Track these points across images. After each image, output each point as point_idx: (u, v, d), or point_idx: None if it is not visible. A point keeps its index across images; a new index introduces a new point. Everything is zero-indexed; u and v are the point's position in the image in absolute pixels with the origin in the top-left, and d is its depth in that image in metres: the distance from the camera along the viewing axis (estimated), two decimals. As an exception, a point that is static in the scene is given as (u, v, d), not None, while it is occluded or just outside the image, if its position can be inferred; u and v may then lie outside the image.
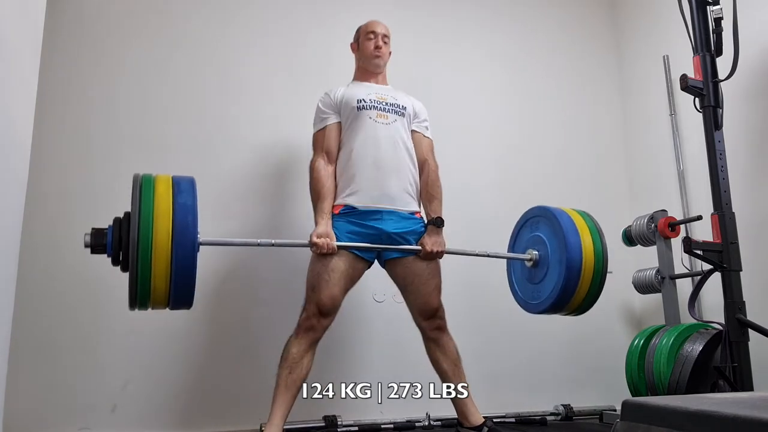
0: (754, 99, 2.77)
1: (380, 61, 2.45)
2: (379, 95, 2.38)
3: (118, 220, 1.80)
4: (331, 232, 2.17)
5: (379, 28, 2.47)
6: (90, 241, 1.77)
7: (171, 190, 1.80)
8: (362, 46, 2.48)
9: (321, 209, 2.22)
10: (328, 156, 2.31)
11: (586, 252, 2.19)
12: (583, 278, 2.18)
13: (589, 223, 2.30)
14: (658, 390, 2.47)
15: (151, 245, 1.69)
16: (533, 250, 2.33)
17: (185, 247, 1.72)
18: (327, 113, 2.36)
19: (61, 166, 2.56)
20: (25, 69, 1.83)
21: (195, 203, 1.81)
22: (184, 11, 2.88)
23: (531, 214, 2.42)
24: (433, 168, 2.40)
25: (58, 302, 2.45)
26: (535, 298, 2.31)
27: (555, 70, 3.51)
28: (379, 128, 2.31)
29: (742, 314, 2.21)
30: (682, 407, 1.06)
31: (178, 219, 1.74)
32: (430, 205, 2.34)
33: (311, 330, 2.17)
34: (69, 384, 2.42)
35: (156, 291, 1.72)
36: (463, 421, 2.33)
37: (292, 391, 2.15)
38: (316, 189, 2.26)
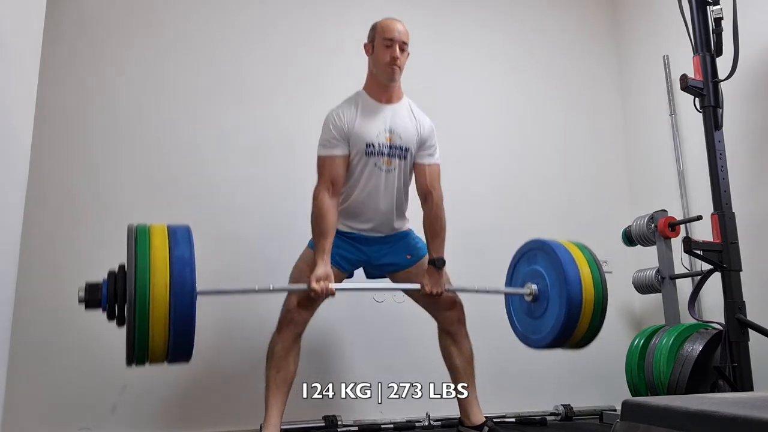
0: (754, 99, 2.77)
1: (396, 75, 2.24)
2: (389, 134, 2.24)
3: (112, 274, 1.73)
4: (330, 274, 2.11)
5: (397, 34, 2.23)
6: (84, 296, 1.71)
7: (167, 242, 1.75)
8: (377, 52, 2.25)
9: (321, 248, 2.14)
10: (334, 187, 2.20)
11: (586, 285, 2.16)
12: (584, 312, 2.15)
13: (587, 255, 2.26)
14: (658, 390, 2.47)
15: (149, 301, 1.63)
16: (532, 284, 2.29)
17: (183, 301, 1.67)
18: (336, 142, 2.21)
19: (61, 166, 2.56)
20: (25, 69, 1.83)
21: (192, 255, 1.75)
22: (184, 11, 2.88)
23: (527, 247, 2.38)
24: (438, 200, 2.29)
25: (58, 302, 2.45)
26: (536, 333, 2.28)
27: (555, 70, 3.51)
28: (382, 176, 2.26)
29: (742, 314, 2.21)
30: (682, 407, 1.06)
31: (175, 273, 1.68)
32: (432, 242, 2.26)
33: (292, 323, 2.16)
34: (69, 384, 2.42)
35: (154, 346, 1.68)
36: (465, 420, 2.33)
37: (283, 390, 2.15)
38: (318, 224, 2.18)
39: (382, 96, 2.28)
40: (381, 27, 2.27)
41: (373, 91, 2.29)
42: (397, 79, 2.27)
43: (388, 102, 2.29)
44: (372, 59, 2.29)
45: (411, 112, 2.32)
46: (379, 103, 2.28)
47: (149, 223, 1.83)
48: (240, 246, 2.74)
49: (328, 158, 2.21)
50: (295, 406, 2.23)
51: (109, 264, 2.50)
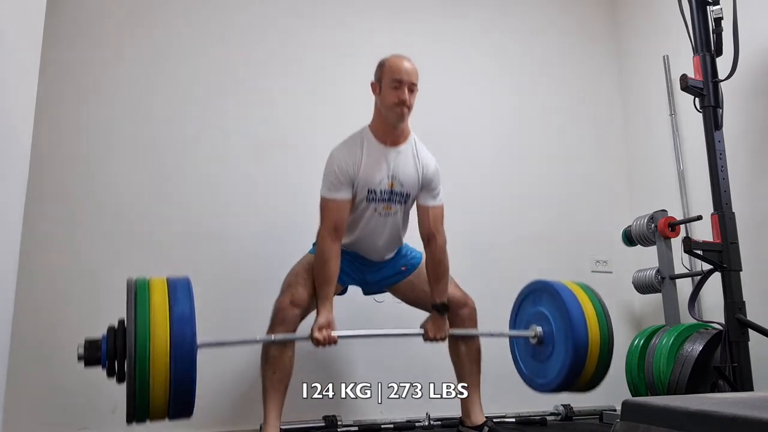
0: (754, 99, 2.77)
1: (404, 116, 2.18)
2: (391, 180, 2.21)
3: (112, 330, 1.73)
4: (332, 322, 2.12)
5: (406, 75, 2.16)
6: (83, 354, 1.71)
7: (167, 298, 1.74)
8: (384, 93, 2.18)
9: (324, 296, 2.14)
10: (337, 232, 2.17)
11: (592, 329, 2.16)
12: (590, 357, 2.15)
13: (592, 296, 2.26)
14: (658, 390, 2.47)
15: (149, 359, 1.63)
16: (537, 326, 2.29)
17: (184, 360, 1.67)
18: (340, 185, 2.17)
19: (61, 166, 2.56)
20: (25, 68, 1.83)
21: (192, 311, 1.74)
22: (184, 11, 2.88)
23: (532, 288, 2.38)
24: (441, 244, 2.25)
25: (58, 302, 2.45)
26: (542, 377, 2.28)
27: (555, 71, 3.51)
28: (381, 220, 2.26)
29: (742, 314, 2.21)
30: (682, 407, 1.06)
31: (176, 332, 1.68)
32: (435, 287, 2.24)
33: (284, 322, 2.13)
34: (69, 384, 2.42)
35: (154, 405, 1.67)
36: (465, 419, 2.33)
37: (280, 390, 2.15)
38: (321, 270, 2.16)
39: (387, 138, 2.22)
40: (389, 67, 2.19)
41: (378, 132, 2.23)
42: (406, 120, 2.21)
43: (394, 144, 2.23)
44: (379, 99, 2.21)
45: (415, 153, 2.26)
46: (384, 145, 2.22)
47: (149, 277, 1.83)
48: (239, 246, 2.74)
49: (332, 201, 2.17)
50: (295, 406, 2.23)
51: (109, 265, 2.52)
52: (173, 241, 2.65)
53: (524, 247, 3.22)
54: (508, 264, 3.17)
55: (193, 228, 2.69)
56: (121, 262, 2.56)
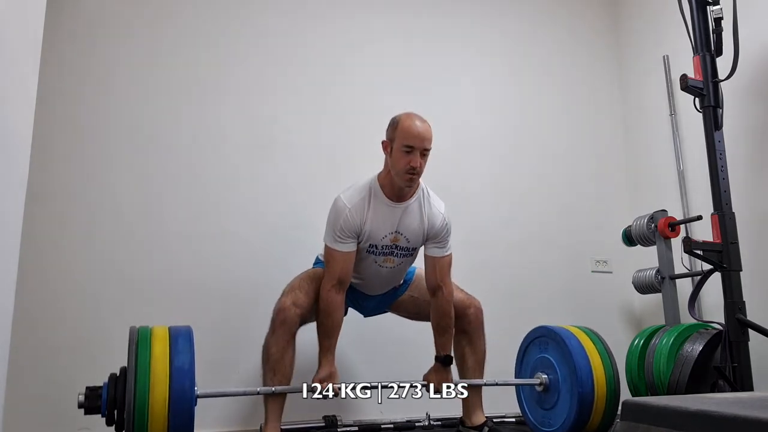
0: (754, 99, 2.77)
1: (412, 183, 2.13)
2: (394, 236, 2.20)
3: (113, 378, 1.77)
4: (335, 374, 2.13)
5: (419, 141, 2.06)
6: (84, 402, 1.75)
7: (168, 350, 1.77)
8: (395, 156, 2.09)
9: (326, 348, 2.14)
10: (341, 284, 2.16)
11: (598, 380, 2.16)
12: (596, 407, 2.16)
13: (597, 343, 2.27)
14: (658, 390, 2.47)
15: (147, 411, 1.67)
16: (542, 374, 2.30)
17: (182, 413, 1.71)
18: (346, 238, 2.14)
19: (61, 166, 2.56)
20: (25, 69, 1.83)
21: (192, 364, 1.77)
22: (184, 12, 2.88)
23: (537, 334, 2.39)
24: (448, 296, 2.22)
25: (59, 302, 2.45)
26: (547, 425, 2.29)
27: (555, 71, 3.51)
28: (382, 271, 2.26)
29: (742, 314, 2.21)
30: (682, 407, 1.06)
31: (175, 385, 1.71)
32: (440, 339, 2.23)
33: (285, 323, 2.13)
34: (69, 384, 2.41)
35: None
36: (466, 419, 2.33)
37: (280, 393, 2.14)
38: (324, 322, 2.15)
39: (394, 195, 2.18)
40: (402, 129, 2.08)
41: (386, 187, 2.18)
42: (414, 185, 2.17)
43: (401, 200, 2.19)
44: (390, 160, 2.13)
45: (423, 207, 2.22)
46: (391, 201, 2.18)
47: (151, 327, 1.86)
48: (239, 246, 2.74)
49: (338, 253, 2.15)
50: (295, 406, 2.23)
51: (109, 264, 2.52)
52: (173, 240, 2.65)
53: (524, 247, 3.22)
54: (508, 264, 3.17)
55: (193, 227, 2.69)
56: (120, 262, 2.56)
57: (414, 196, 2.21)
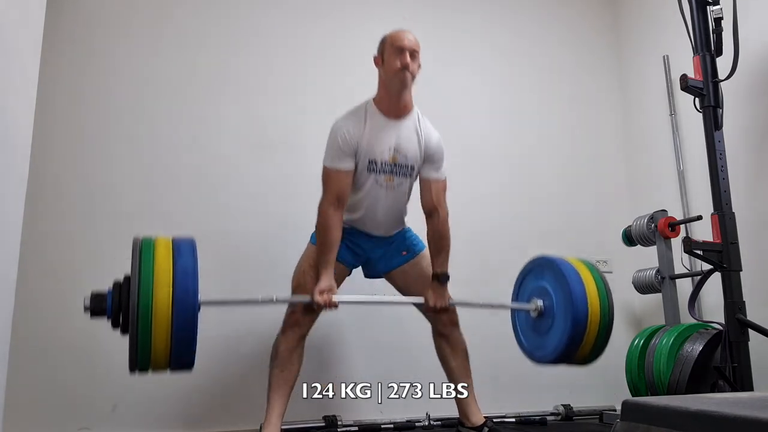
0: (754, 99, 2.77)
1: (408, 81, 2.20)
2: (393, 153, 2.23)
3: (117, 284, 1.78)
4: (333, 286, 2.14)
5: (407, 42, 2.20)
6: (90, 305, 1.75)
7: (171, 255, 1.78)
8: (388, 61, 2.20)
9: (325, 261, 2.16)
10: (339, 202, 2.19)
11: (592, 303, 2.16)
12: (589, 330, 2.15)
13: (594, 273, 2.26)
14: (658, 390, 2.47)
15: (151, 311, 1.67)
16: (538, 300, 2.29)
17: (186, 313, 1.71)
18: (344, 156, 2.19)
19: (61, 166, 2.56)
20: (25, 69, 1.83)
21: (195, 267, 1.78)
22: (185, 11, 2.88)
23: (535, 264, 2.38)
24: (443, 218, 2.28)
25: (58, 302, 2.45)
26: (541, 349, 2.28)
27: (555, 70, 3.51)
28: (382, 192, 2.26)
29: (742, 314, 2.21)
30: (682, 407, 1.06)
31: (178, 285, 1.72)
32: (437, 258, 2.27)
33: (297, 325, 2.17)
34: (69, 384, 2.42)
35: (156, 355, 1.71)
36: (464, 420, 2.33)
37: (285, 390, 2.16)
38: (323, 237, 2.19)
39: (391, 110, 2.24)
40: (390, 37, 2.23)
41: (382, 104, 2.24)
42: (410, 85, 2.22)
43: (397, 117, 2.24)
44: (383, 70, 2.23)
45: (418, 126, 2.27)
46: (388, 118, 2.23)
47: (154, 236, 1.85)
48: (241, 245, 2.74)
49: (335, 172, 2.19)
50: (295, 406, 2.23)
51: (109, 264, 2.51)
52: (173, 241, 2.65)
53: (525, 248, 3.21)
54: (508, 264, 3.16)
55: (193, 227, 2.67)
56: (120, 262, 2.55)
57: (410, 115, 2.27)
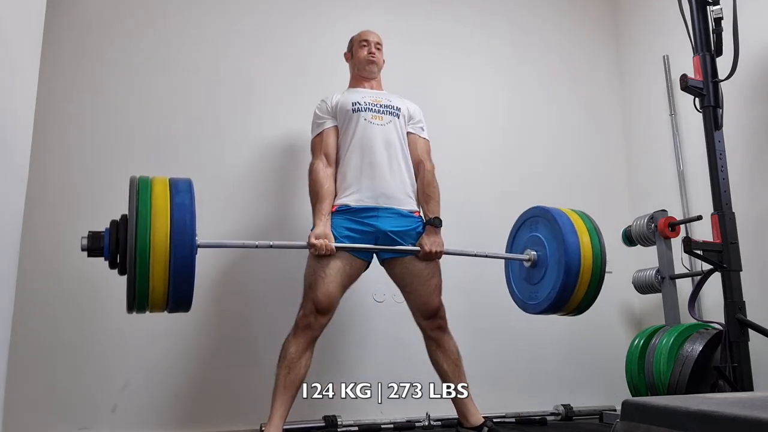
0: (754, 99, 2.77)
1: (374, 67, 2.50)
2: (374, 98, 2.42)
3: (114, 222, 1.77)
4: (329, 233, 2.18)
5: (372, 36, 2.53)
6: (87, 244, 1.73)
7: (168, 192, 1.77)
8: (356, 54, 2.52)
9: (320, 210, 2.22)
10: (327, 158, 2.32)
11: (585, 253, 2.19)
12: (581, 279, 2.19)
13: (588, 223, 2.30)
14: (658, 390, 2.47)
15: (149, 248, 1.65)
16: (531, 251, 2.33)
17: (183, 249, 1.69)
18: (323, 118, 2.39)
19: (61, 166, 2.56)
20: (25, 69, 1.83)
21: (193, 204, 1.77)
22: (185, 11, 2.88)
23: (529, 215, 2.41)
24: (429, 169, 2.41)
25: (58, 302, 2.45)
26: (533, 299, 2.32)
27: (555, 70, 3.51)
28: (374, 129, 2.33)
29: (742, 314, 2.22)
30: (682, 407, 1.06)
31: (175, 220, 1.70)
32: (428, 206, 2.35)
33: (308, 328, 2.18)
34: (69, 384, 2.42)
35: (154, 294, 1.70)
36: (463, 421, 2.33)
37: (291, 391, 2.16)
38: (315, 190, 2.27)
39: (364, 84, 2.50)
40: (357, 36, 2.56)
41: (355, 83, 2.53)
42: (376, 72, 2.51)
43: (371, 88, 2.50)
44: (352, 63, 2.56)
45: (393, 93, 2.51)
46: (362, 87, 2.49)
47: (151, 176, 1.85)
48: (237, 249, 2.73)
49: (318, 136, 2.37)
50: (295, 405, 2.22)
51: (109, 264, 2.52)
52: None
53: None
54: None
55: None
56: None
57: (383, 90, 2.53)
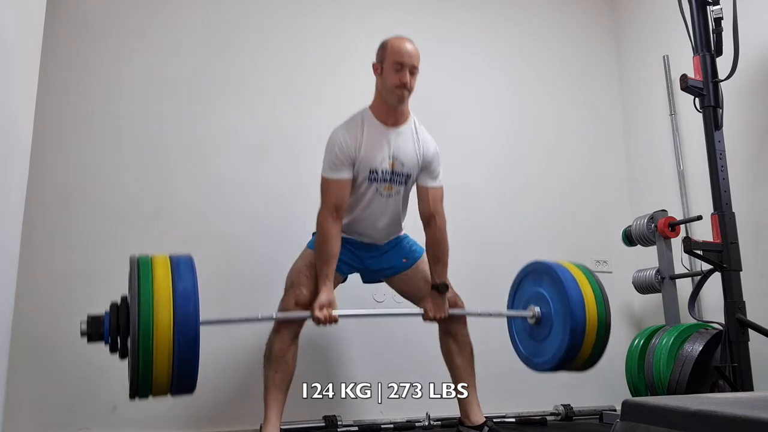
0: (754, 99, 2.77)
1: (403, 99, 2.20)
2: (391, 161, 2.22)
3: (114, 306, 1.73)
4: (333, 301, 2.13)
5: (408, 58, 2.16)
6: (86, 329, 1.69)
7: (170, 274, 1.73)
8: (386, 75, 2.18)
9: (325, 275, 2.15)
10: (337, 211, 2.18)
11: (590, 310, 2.17)
12: (587, 339, 2.16)
13: (590, 278, 2.26)
14: (658, 390, 2.47)
15: (152, 335, 1.62)
16: (535, 307, 2.30)
17: (188, 335, 1.66)
18: (342, 164, 2.17)
19: (61, 166, 2.56)
20: (25, 69, 1.83)
21: (196, 288, 1.73)
22: (185, 12, 2.88)
23: (531, 268, 2.38)
24: (441, 225, 2.26)
25: (58, 302, 2.45)
26: (539, 356, 2.29)
27: (555, 71, 3.51)
28: (383, 201, 2.26)
29: (742, 314, 2.21)
30: (682, 407, 1.06)
31: (179, 307, 1.66)
32: (434, 267, 2.26)
33: (290, 323, 2.16)
34: (69, 384, 2.42)
35: (157, 381, 1.66)
36: (465, 420, 2.33)
37: (282, 390, 2.15)
38: (322, 250, 2.17)
39: (388, 118, 2.23)
40: (391, 49, 2.18)
41: (379, 112, 2.23)
42: (406, 102, 2.23)
43: (394, 125, 2.24)
44: (380, 81, 2.22)
45: (415, 134, 2.27)
46: (385, 126, 2.23)
47: (151, 254, 1.83)
48: (239, 246, 2.74)
49: (334, 181, 2.18)
50: (295, 406, 2.23)
51: (109, 265, 2.52)
52: (174, 241, 2.65)
53: (524, 247, 3.21)
54: (508, 264, 3.16)
55: (194, 228, 2.69)
56: (121, 263, 2.55)
57: (406, 123, 2.27)
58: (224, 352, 2.61)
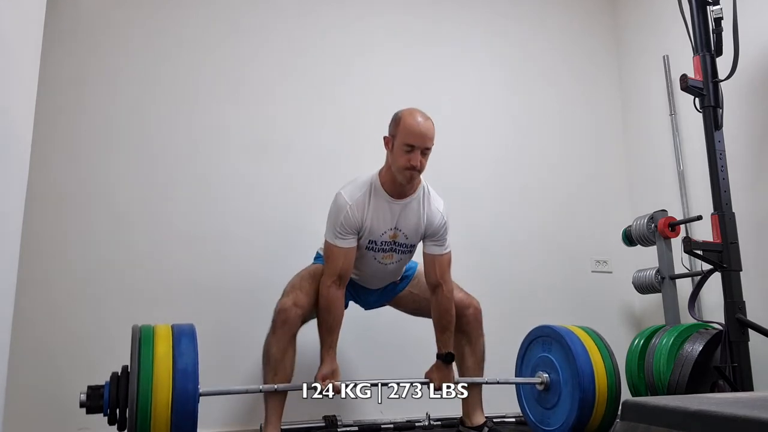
0: (754, 99, 2.77)
1: (412, 180, 2.12)
2: (394, 233, 2.20)
3: (115, 377, 1.77)
4: (336, 371, 2.12)
5: (420, 140, 2.05)
6: (86, 401, 1.74)
7: (171, 350, 1.76)
8: (396, 153, 2.08)
9: (328, 344, 2.14)
10: (341, 279, 2.15)
11: (599, 381, 2.17)
12: (596, 410, 2.16)
13: (600, 345, 2.27)
14: (658, 390, 2.47)
15: (151, 410, 1.66)
16: (543, 373, 2.30)
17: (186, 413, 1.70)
18: (347, 233, 2.13)
19: (61, 166, 2.56)
20: (25, 69, 1.83)
21: (196, 364, 1.76)
22: (184, 13, 2.88)
23: (539, 333, 2.38)
24: (448, 293, 2.20)
25: (59, 302, 2.45)
26: (547, 424, 2.29)
27: (555, 71, 3.51)
28: (381, 267, 2.26)
29: (742, 314, 2.21)
30: (682, 407, 1.06)
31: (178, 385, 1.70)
32: (441, 335, 2.22)
33: (287, 324, 2.13)
34: (69, 384, 2.41)
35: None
36: (465, 420, 2.33)
37: (281, 392, 2.14)
38: (325, 318, 2.14)
39: (395, 193, 2.17)
40: (404, 127, 2.07)
41: (387, 184, 2.16)
42: (414, 184, 2.17)
43: (401, 197, 2.18)
44: (391, 157, 2.13)
45: (422, 206, 2.21)
46: (392, 197, 2.17)
47: (153, 325, 1.85)
48: (238, 246, 2.74)
49: (338, 249, 2.14)
50: (295, 406, 2.22)
51: (108, 265, 2.52)
52: (174, 242, 2.65)
53: (524, 247, 3.22)
54: (508, 264, 3.17)
55: (193, 229, 2.69)
56: (121, 263, 2.56)
57: (414, 194, 2.20)
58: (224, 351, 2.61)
